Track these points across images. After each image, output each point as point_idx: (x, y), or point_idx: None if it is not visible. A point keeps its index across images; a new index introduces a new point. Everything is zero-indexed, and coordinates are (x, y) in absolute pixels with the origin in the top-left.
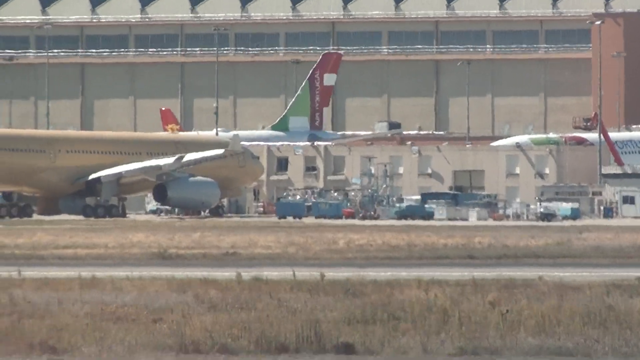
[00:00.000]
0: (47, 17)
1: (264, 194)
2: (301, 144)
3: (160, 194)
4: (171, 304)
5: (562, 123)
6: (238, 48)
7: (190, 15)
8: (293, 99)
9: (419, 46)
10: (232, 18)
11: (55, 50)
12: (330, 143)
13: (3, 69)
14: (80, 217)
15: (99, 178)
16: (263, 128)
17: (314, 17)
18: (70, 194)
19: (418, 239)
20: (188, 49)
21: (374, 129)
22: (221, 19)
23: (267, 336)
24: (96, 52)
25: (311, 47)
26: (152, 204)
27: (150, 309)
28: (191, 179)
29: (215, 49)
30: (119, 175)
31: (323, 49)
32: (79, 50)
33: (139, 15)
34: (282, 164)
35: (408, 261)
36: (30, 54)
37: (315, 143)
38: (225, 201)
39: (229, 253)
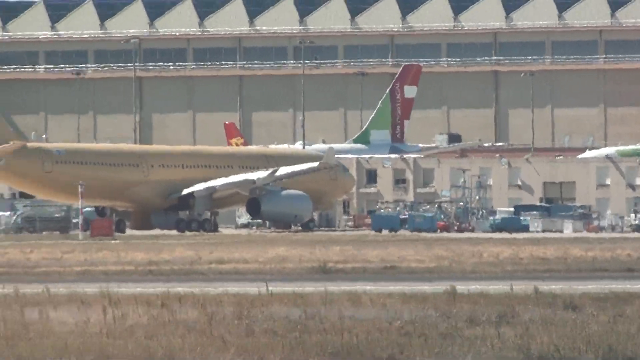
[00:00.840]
0: (106, 31)
1: (354, 207)
2: (391, 156)
3: (253, 208)
4: (419, 317)
5: (622, 134)
6: (297, 61)
7: (249, 28)
8: (374, 112)
9: (478, 57)
10: (290, 31)
11: (113, 65)
12: (419, 155)
13: (62, 83)
14: (174, 232)
15: (192, 192)
16: (323, 141)
17: (373, 30)
18: (162, 208)
19: (559, 251)
20: (246, 62)
21: (434, 140)
22: (279, 32)
23: (614, 349)
24: (154, 66)
25: (370, 60)
26: (243, 218)
27: (415, 323)
28: (284, 192)
29: (272, 62)
30: (212, 190)
31: (381, 61)
32: (137, 64)
33: (198, 29)
34: (372, 177)
35: (580, 274)
36: (89, 68)
37: (405, 155)
38: (315, 214)
39: (388, 267)
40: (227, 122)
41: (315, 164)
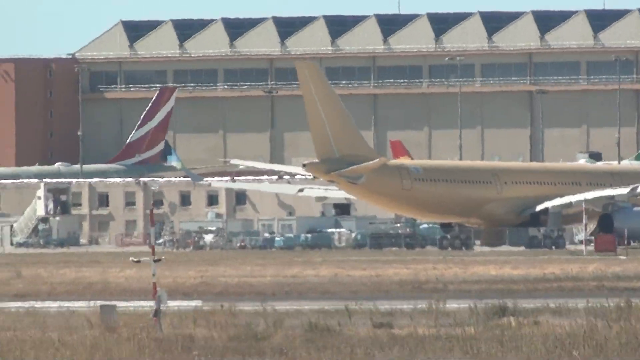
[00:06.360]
0: (235, 50)
1: None
2: None
3: (606, 224)
4: None
5: None
6: (432, 80)
7: (383, 47)
8: None
9: (623, 76)
10: (425, 50)
11: (244, 83)
12: None
13: (190, 102)
14: (522, 249)
15: (546, 209)
16: (459, 159)
17: (510, 49)
18: (513, 225)
19: None
20: (380, 81)
21: (575, 159)
22: (415, 51)
23: None
24: (286, 84)
25: (507, 78)
26: (580, 235)
27: None
28: (635, 208)
29: (407, 81)
30: (566, 206)
31: (519, 79)
32: (268, 83)
33: (330, 47)
34: None
35: None
36: (219, 87)
37: None
38: None
39: None
40: (392, 140)
41: None
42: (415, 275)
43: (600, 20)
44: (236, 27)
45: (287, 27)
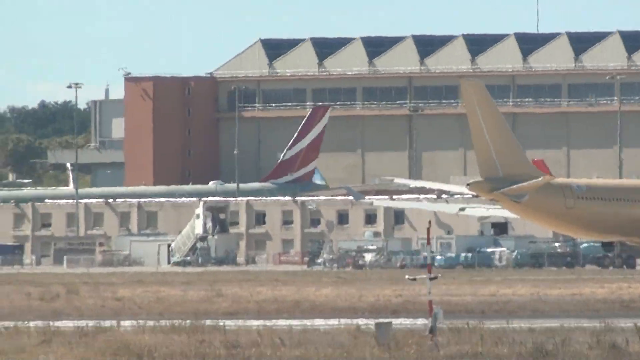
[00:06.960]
0: (375, 68)
1: None
2: None
3: None
4: None
5: None
6: (571, 99)
7: (523, 65)
8: None
9: None
10: (565, 68)
11: (383, 102)
12: None
13: (329, 120)
14: None
15: None
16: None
17: None
18: None
19: None
20: (519, 99)
21: None
22: (554, 69)
23: None
24: (425, 103)
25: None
26: None
27: None
28: None
29: (546, 99)
30: None
31: None
32: (406, 102)
33: (470, 66)
34: None
35: None
36: (357, 105)
37: None
38: None
39: None
40: (535, 159)
41: None
42: (612, 293)
43: None
44: (375, 46)
45: (427, 45)
